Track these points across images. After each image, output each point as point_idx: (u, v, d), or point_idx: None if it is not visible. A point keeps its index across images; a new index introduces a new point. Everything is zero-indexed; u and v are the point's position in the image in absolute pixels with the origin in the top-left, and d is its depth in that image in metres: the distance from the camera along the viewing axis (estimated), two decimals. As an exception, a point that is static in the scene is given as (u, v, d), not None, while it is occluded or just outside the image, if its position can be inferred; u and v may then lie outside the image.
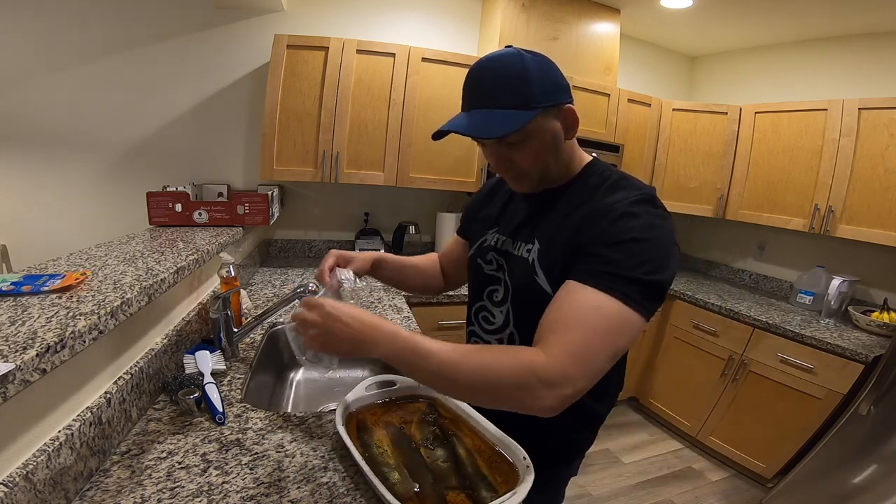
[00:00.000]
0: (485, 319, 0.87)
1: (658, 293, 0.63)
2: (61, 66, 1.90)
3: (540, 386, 0.56)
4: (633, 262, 0.61)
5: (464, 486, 0.72)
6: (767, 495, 1.89)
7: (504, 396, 0.58)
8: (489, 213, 0.92)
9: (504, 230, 0.86)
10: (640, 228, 0.63)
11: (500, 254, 0.84)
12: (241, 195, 1.50)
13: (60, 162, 1.99)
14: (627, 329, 0.60)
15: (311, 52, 1.88)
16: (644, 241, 0.62)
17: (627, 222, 0.64)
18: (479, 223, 0.94)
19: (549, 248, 0.73)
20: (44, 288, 0.72)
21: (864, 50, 2.23)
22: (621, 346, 0.60)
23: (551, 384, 0.56)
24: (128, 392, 0.81)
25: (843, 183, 2.01)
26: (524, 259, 0.77)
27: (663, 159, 2.60)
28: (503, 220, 0.88)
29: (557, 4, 2.24)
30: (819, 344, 1.82)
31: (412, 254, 2.28)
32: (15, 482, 0.53)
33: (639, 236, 0.62)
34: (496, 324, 0.85)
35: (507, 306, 0.82)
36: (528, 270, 0.75)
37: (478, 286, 0.89)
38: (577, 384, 0.57)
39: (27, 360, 0.51)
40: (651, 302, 0.62)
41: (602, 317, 0.59)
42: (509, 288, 0.81)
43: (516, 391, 0.57)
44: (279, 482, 0.72)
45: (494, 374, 0.57)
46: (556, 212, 0.76)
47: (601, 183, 0.74)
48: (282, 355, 1.43)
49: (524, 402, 0.57)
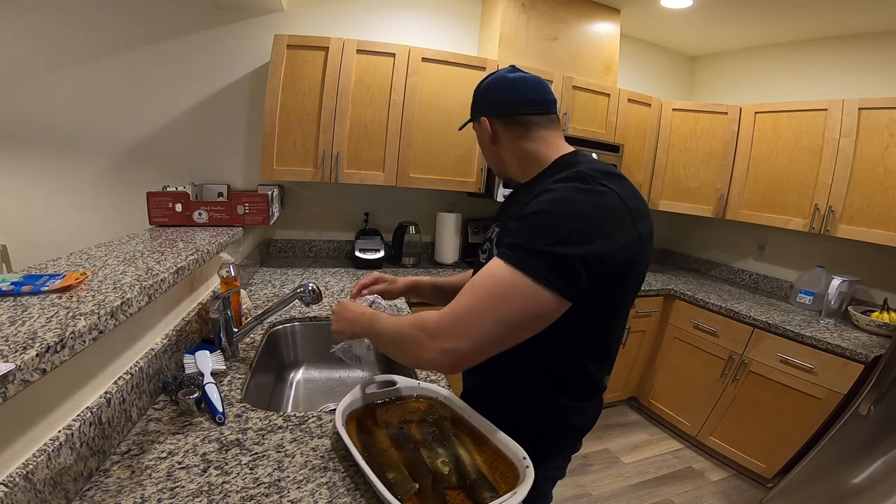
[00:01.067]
0: None
1: (562, 265, 0.61)
2: (62, 66, 1.91)
3: (425, 338, 0.66)
4: (534, 233, 0.63)
5: (464, 485, 0.72)
6: (767, 495, 1.89)
7: (406, 349, 0.71)
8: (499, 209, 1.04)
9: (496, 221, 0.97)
10: (549, 202, 0.66)
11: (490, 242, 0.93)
12: (241, 195, 1.50)
13: (61, 162, 1.99)
14: (517, 296, 0.62)
15: (311, 52, 1.88)
16: (550, 214, 0.64)
17: (541, 196, 0.67)
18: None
19: (503, 229, 0.81)
20: (44, 288, 0.72)
21: (864, 50, 2.23)
22: (510, 312, 0.62)
23: (433, 336, 0.65)
24: (128, 392, 0.81)
25: (843, 183, 2.01)
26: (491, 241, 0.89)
27: (663, 159, 2.59)
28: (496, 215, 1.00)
29: (557, 4, 2.24)
30: (819, 344, 1.82)
31: (412, 254, 2.31)
32: (15, 482, 0.53)
33: (545, 209, 0.65)
34: None
35: None
36: (490, 252, 0.86)
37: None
38: (455, 340, 0.64)
39: (27, 360, 0.51)
40: (557, 274, 0.61)
41: (492, 283, 0.64)
42: None
43: (410, 344, 0.69)
44: (279, 482, 0.72)
45: (399, 331, 0.72)
46: (519, 199, 0.85)
47: (560, 170, 0.77)
48: (282, 355, 1.43)
49: (416, 353, 0.68)
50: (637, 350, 2.54)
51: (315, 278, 1.95)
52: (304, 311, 1.50)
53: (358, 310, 0.86)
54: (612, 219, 0.66)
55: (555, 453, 0.89)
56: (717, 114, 2.47)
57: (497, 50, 2.17)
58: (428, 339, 0.66)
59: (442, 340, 0.65)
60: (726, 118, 2.45)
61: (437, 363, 0.66)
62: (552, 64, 2.25)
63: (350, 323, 0.86)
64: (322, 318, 1.50)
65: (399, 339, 0.72)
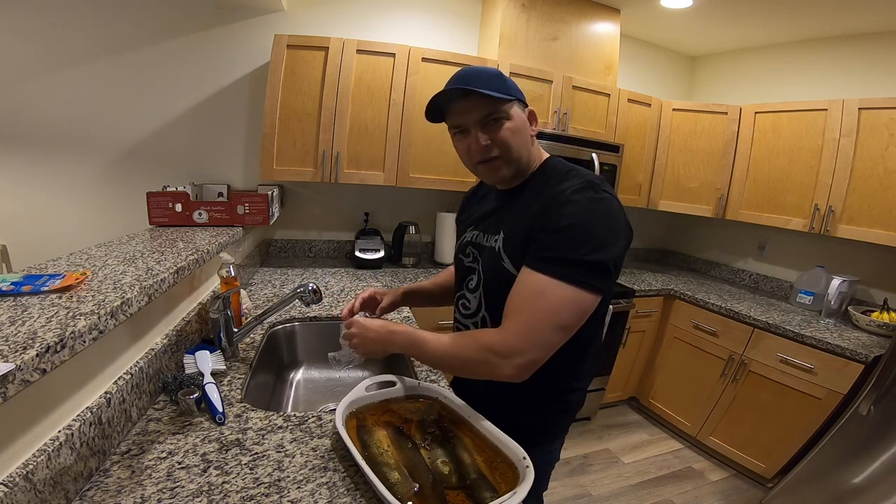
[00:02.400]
0: (463, 306, 0.98)
1: (601, 269, 0.72)
2: (62, 66, 1.91)
3: (497, 359, 0.73)
4: (572, 246, 0.71)
5: (464, 486, 0.72)
6: (767, 495, 1.89)
7: (475, 370, 0.77)
8: (470, 214, 1.04)
9: (480, 225, 0.97)
10: (578, 214, 0.73)
11: (475, 247, 0.95)
12: (241, 195, 1.50)
13: (61, 162, 1.99)
14: (569, 305, 0.72)
15: (311, 52, 1.88)
16: (582, 227, 0.72)
17: (567, 209, 0.73)
18: (461, 225, 1.07)
19: (512, 237, 0.83)
20: (44, 288, 0.72)
21: (864, 50, 2.23)
22: (566, 319, 0.72)
23: (505, 356, 0.72)
24: (128, 392, 0.81)
25: (843, 183, 2.01)
26: (492, 248, 0.88)
27: (663, 159, 2.59)
28: (479, 217, 0.98)
29: (557, 4, 2.24)
30: (819, 344, 1.82)
31: (412, 254, 2.31)
32: (15, 482, 0.53)
33: (576, 222, 0.72)
34: (471, 309, 0.95)
35: (479, 292, 0.92)
36: (496, 258, 0.86)
37: (460, 278, 1.00)
38: (526, 354, 0.72)
39: (27, 360, 0.51)
40: (597, 278, 0.72)
41: (545, 299, 0.72)
42: (481, 276, 0.91)
43: (482, 365, 0.75)
44: (279, 482, 0.72)
45: (464, 356, 0.77)
46: (517, 203, 0.87)
47: (554, 175, 0.84)
48: (282, 355, 1.43)
49: (490, 372, 0.75)
50: (637, 350, 2.54)
51: (315, 278, 1.95)
52: (304, 311, 1.50)
53: (383, 328, 0.86)
54: (621, 221, 0.76)
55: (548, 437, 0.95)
56: (717, 114, 2.47)
57: (497, 50, 2.17)
58: (500, 359, 0.73)
59: (515, 358, 0.72)
60: (726, 118, 2.45)
61: (513, 377, 0.74)
62: (552, 64, 2.25)
63: (380, 343, 0.86)
64: (322, 318, 1.50)
65: (465, 363, 0.77)
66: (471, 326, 0.95)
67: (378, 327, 0.87)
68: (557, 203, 0.75)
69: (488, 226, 0.93)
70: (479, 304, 0.92)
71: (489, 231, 0.92)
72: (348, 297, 1.71)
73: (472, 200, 1.08)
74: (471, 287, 0.94)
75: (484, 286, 0.90)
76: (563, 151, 2.14)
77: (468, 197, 1.12)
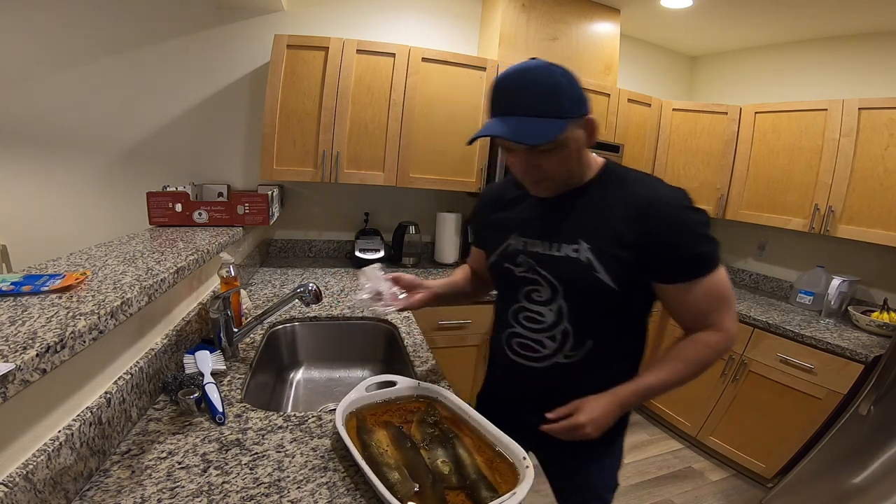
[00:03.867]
0: (529, 319, 0.89)
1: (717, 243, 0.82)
2: (62, 66, 1.91)
3: (727, 348, 0.84)
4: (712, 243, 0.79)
5: (464, 486, 0.72)
6: (767, 495, 1.89)
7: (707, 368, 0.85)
8: (503, 219, 0.95)
9: (529, 232, 0.89)
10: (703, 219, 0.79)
11: (531, 255, 0.88)
12: (241, 195, 1.50)
13: (60, 162, 1.99)
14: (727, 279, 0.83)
15: (311, 52, 1.88)
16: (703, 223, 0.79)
17: (695, 216, 0.78)
18: (492, 230, 0.98)
19: (604, 245, 0.80)
20: (44, 288, 0.72)
21: (864, 50, 2.23)
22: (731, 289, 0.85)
23: (733, 341, 0.84)
24: (128, 392, 0.81)
25: (843, 183, 2.01)
26: (572, 259, 0.82)
27: (663, 159, 2.59)
28: (524, 224, 0.91)
29: (557, 4, 2.24)
30: (819, 344, 1.82)
31: (412, 254, 2.31)
32: (15, 482, 0.53)
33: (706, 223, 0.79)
34: (545, 322, 0.87)
35: (557, 304, 0.85)
36: (584, 269, 0.81)
37: (510, 289, 0.92)
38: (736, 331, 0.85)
39: (27, 360, 0.51)
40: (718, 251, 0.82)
41: (725, 287, 0.82)
42: (557, 287, 0.85)
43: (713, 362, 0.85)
44: (279, 482, 0.72)
45: (700, 368, 0.84)
46: (592, 210, 0.83)
47: (625, 179, 0.84)
48: (282, 355, 1.43)
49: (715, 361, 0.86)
50: (637, 350, 2.53)
51: (315, 278, 1.95)
52: (304, 311, 1.50)
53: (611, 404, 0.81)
54: None
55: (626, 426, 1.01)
56: (717, 114, 2.47)
57: (497, 50, 2.17)
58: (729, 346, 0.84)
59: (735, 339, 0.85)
60: (726, 118, 2.44)
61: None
62: (552, 64, 2.25)
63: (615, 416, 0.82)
64: (322, 318, 1.50)
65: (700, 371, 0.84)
66: (545, 340, 0.88)
67: (606, 406, 0.81)
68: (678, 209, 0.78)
69: (546, 233, 0.86)
70: (559, 317, 0.85)
71: (558, 240, 0.84)
72: (348, 296, 1.71)
73: (498, 204, 0.98)
74: (538, 299, 0.87)
75: (566, 298, 0.84)
76: (563, 151, 2.14)
77: (491, 200, 1.02)
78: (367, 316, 1.54)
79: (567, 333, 0.86)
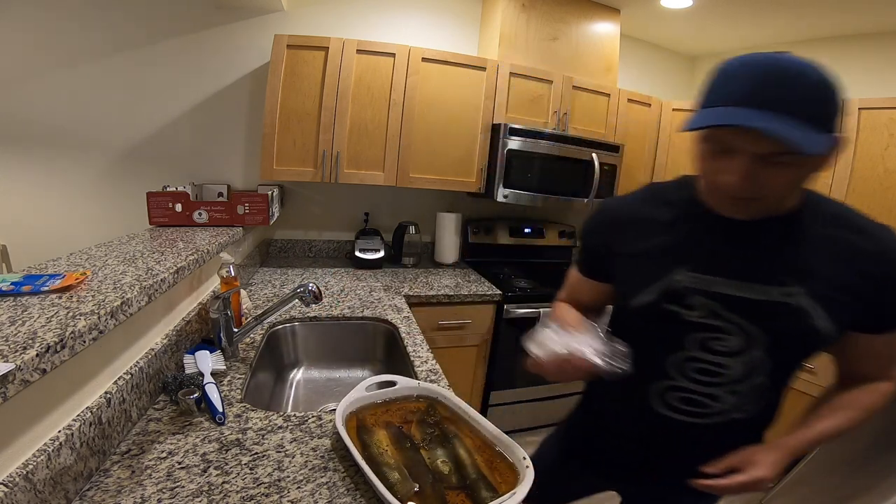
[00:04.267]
0: (703, 372, 0.74)
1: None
2: (62, 66, 1.91)
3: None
4: None
5: (463, 486, 0.72)
6: (767, 495, 1.89)
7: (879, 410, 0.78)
8: (657, 248, 0.76)
9: (708, 268, 0.71)
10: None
11: (713, 297, 0.71)
12: (241, 195, 1.50)
13: (60, 162, 1.99)
14: None
15: (311, 52, 1.88)
16: None
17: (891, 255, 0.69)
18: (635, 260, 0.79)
19: (823, 289, 0.67)
20: (44, 288, 0.72)
21: (864, 50, 2.23)
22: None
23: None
24: (128, 392, 0.81)
25: (843, 183, 2.01)
26: (783, 304, 0.68)
27: (663, 159, 2.59)
28: (698, 256, 0.73)
29: (557, 4, 2.24)
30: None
31: (412, 254, 2.32)
32: (15, 482, 0.53)
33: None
34: (729, 375, 0.73)
35: (750, 356, 0.72)
36: (799, 316, 0.67)
37: (671, 335, 0.75)
38: None
39: (27, 360, 0.51)
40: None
41: None
42: (755, 337, 0.70)
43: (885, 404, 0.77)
44: (279, 482, 0.72)
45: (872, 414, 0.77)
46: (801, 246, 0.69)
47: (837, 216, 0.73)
48: (282, 355, 1.43)
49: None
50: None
51: (315, 278, 1.95)
52: (304, 311, 1.50)
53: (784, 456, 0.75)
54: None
55: None
56: (717, 114, 2.47)
57: (497, 50, 2.17)
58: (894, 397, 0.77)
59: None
60: (726, 118, 2.44)
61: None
62: (552, 64, 2.25)
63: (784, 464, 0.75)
64: (322, 318, 1.50)
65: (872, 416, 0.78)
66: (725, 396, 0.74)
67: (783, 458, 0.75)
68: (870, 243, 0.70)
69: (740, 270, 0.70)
70: (750, 370, 0.72)
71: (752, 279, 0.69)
72: (348, 296, 1.71)
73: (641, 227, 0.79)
74: (720, 349, 0.72)
75: (767, 349, 0.70)
76: (563, 151, 2.14)
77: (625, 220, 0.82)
78: (367, 316, 1.54)
79: (760, 388, 0.75)
